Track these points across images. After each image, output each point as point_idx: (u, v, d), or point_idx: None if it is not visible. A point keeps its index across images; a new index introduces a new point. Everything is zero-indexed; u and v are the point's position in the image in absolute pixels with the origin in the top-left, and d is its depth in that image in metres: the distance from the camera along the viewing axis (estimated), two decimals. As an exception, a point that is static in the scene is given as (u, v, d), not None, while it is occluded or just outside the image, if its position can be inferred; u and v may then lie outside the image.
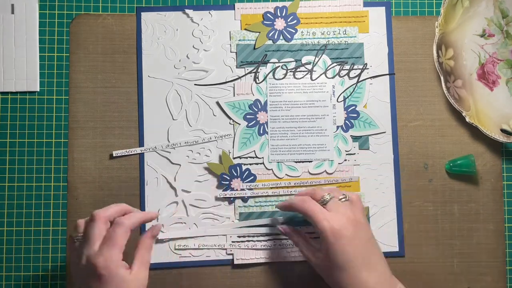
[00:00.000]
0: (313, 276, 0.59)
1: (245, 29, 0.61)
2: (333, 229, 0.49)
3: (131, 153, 0.56)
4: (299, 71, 0.61)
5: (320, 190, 0.54)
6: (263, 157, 0.60)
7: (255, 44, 0.60)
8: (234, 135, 0.60)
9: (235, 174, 0.59)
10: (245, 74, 0.60)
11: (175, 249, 0.58)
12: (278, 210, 0.58)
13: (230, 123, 0.60)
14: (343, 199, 0.52)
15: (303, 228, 0.59)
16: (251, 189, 0.59)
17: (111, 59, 0.60)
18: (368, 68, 0.61)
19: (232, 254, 0.59)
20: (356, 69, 0.61)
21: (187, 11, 0.60)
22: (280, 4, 0.61)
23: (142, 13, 0.60)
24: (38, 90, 0.60)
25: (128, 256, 0.49)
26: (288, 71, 0.60)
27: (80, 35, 0.60)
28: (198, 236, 0.59)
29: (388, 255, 0.59)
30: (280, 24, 0.61)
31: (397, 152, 0.61)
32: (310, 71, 0.61)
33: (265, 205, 0.59)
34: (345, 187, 0.60)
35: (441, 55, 0.61)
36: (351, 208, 0.52)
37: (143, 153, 0.59)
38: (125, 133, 0.60)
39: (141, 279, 0.49)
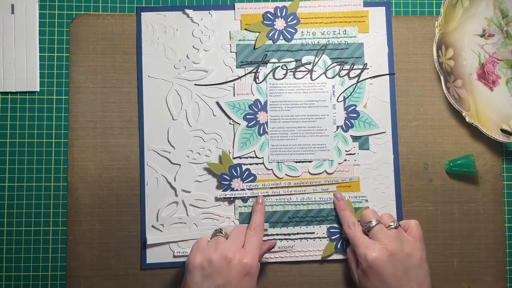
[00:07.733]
0: (312, 276, 0.59)
1: (245, 29, 0.61)
2: (366, 259, 0.51)
3: None
4: (299, 71, 0.60)
5: (371, 214, 0.56)
6: (263, 157, 0.60)
7: (255, 44, 0.60)
8: (234, 135, 0.60)
9: (235, 174, 0.59)
10: (245, 74, 0.60)
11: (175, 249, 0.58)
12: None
13: (230, 123, 0.60)
14: (391, 227, 0.54)
15: (302, 228, 0.59)
16: (251, 189, 0.59)
17: (111, 59, 0.60)
18: (368, 68, 0.61)
19: (232, 254, 0.59)
20: (356, 69, 0.61)
21: (187, 11, 0.60)
22: (280, 4, 0.61)
23: (142, 13, 0.60)
24: (38, 90, 0.60)
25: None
26: (288, 71, 0.60)
27: (80, 35, 0.60)
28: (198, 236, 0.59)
29: (388, 255, 0.60)
30: (280, 24, 0.61)
31: (397, 152, 0.61)
32: (310, 71, 0.61)
33: (265, 205, 0.59)
34: (345, 187, 0.60)
35: (441, 55, 0.60)
36: (396, 237, 0.53)
37: (143, 153, 0.59)
38: (125, 133, 0.60)
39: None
